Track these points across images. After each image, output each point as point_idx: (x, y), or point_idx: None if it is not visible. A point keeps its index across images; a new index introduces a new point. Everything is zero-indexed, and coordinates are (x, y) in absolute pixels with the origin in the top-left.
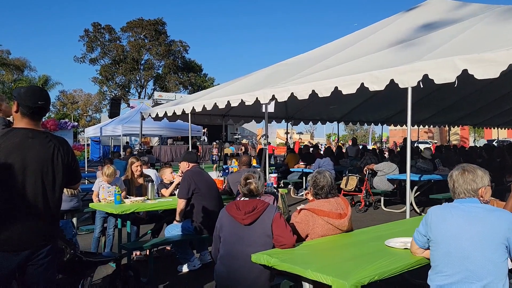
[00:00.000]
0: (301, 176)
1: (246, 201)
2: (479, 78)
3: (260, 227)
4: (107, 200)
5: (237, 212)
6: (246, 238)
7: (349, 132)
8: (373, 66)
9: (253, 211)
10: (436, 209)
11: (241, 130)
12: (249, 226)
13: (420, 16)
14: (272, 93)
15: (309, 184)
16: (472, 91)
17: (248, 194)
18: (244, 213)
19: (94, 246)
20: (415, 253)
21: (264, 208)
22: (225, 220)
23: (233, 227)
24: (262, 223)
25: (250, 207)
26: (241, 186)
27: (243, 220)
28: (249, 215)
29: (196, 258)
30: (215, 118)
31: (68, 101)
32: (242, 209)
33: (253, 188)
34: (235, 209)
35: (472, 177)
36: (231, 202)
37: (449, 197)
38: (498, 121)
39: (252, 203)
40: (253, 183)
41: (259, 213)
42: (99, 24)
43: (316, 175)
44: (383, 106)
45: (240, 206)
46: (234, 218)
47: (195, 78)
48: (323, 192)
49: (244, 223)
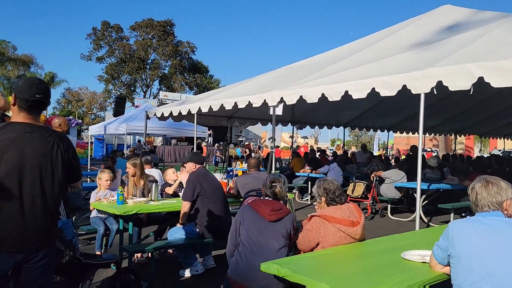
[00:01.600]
0: (307, 180)
1: (271, 201)
2: (496, 87)
3: (281, 226)
4: (109, 200)
5: (264, 208)
6: (267, 232)
7: (353, 138)
8: (385, 71)
9: (279, 210)
10: (458, 224)
11: (246, 133)
12: (272, 223)
13: (433, 22)
14: (281, 96)
15: (318, 194)
16: (480, 100)
17: (271, 196)
18: (271, 210)
19: (98, 245)
20: (434, 268)
21: (287, 213)
22: (248, 215)
23: (256, 221)
24: (283, 224)
25: (276, 206)
26: (266, 188)
27: (269, 216)
28: (275, 213)
29: (199, 263)
30: (221, 120)
31: (73, 99)
32: (268, 206)
33: (277, 191)
34: (262, 205)
35: (497, 189)
36: (255, 199)
37: (458, 206)
38: (505, 131)
39: (277, 204)
40: (278, 186)
41: (284, 214)
42: (108, 22)
43: (322, 183)
44: (390, 112)
45: (265, 203)
46: (259, 213)
47: (201, 79)
48: (337, 196)
49: (270, 219)
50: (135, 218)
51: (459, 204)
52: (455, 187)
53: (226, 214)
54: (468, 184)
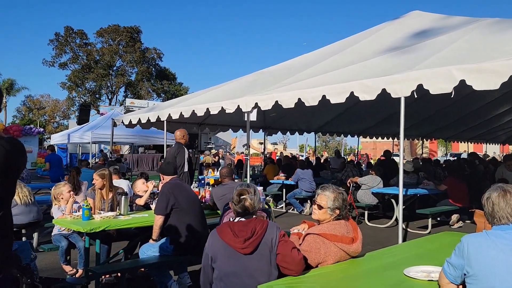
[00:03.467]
0: (281, 188)
1: (242, 223)
2: (477, 89)
3: (263, 253)
4: (73, 216)
5: (234, 239)
6: (247, 269)
7: (321, 144)
8: (363, 75)
9: (252, 236)
10: (474, 239)
11: (215, 139)
12: (250, 255)
13: (408, 25)
14: (255, 101)
15: (334, 207)
16: (446, 105)
17: (242, 213)
18: (244, 241)
19: (62, 260)
20: (445, 287)
21: (264, 230)
22: (219, 249)
23: (230, 257)
24: (264, 248)
25: (248, 232)
26: (234, 203)
27: (242, 250)
28: (249, 242)
29: (174, 282)
30: (191, 127)
31: (35, 107)
32: (239, 235)
33: (248, 205)
34: (231, 235)
35: None
36: (224, 224)
37: (435, 211)
38: (468, 135)
39: (249, 226)
40: (248, 199)
41: (260, 236)
42: (71, 28)
43: (341, 195)
44: (360, 117)
45: (236, 231)
46: (231, 246)
47: (169, 86)
48: (349, 210)
49: (245, 253)
50: (103, 234)
51: (437, 209)
52: (431, 192)
53: (203, 228)
54: (444, 189)
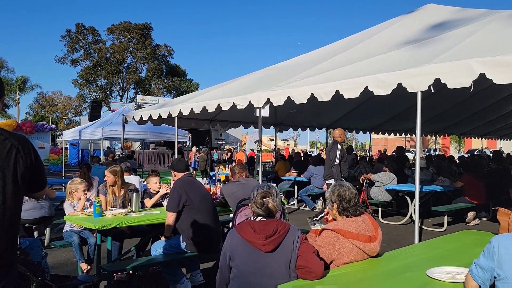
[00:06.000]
0: (293, 184)
1: (263, 222)
2: (498, 83)
3: (283, 254)
4: (84, 213)
5: (255, 236)
6: (267, 268)
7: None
8: (377, 69)
9: (274, 234)
10: (506, 239)
11: (225, 136)
12: (270, 254)
13: (423, 18)
14: (267, 97)
15: (331, 200)
16: (460, 101)
17: (264, 215)
18: (265, 238)
19: (79, 257)
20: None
21: (286, 231)
22: (238, 247)
23: (250, 255)
24: (285, 249)
25: (270, 230)
26: (256, 206)
27: (264, 247)
28: (271, 240)
29: (187, 279)
30: (202, 123)
31: (47, 104)
32: (260, 232)
33: (271, 207)
34: (252, 232)
35: None
36: (244, 223)
37: (451, 209)
38: (482, 130)
39: (271, 225)
40: (270, 201)
41: (282, 236)
42: (82, 25)
43: (337, 188)
44: (373, 113)
45: (257, 229)
46: (252, 244)
47: (179, 82)
48: (351, 206)
49: (266, 250)
50: (115, 231)
51: (452, 206)
52: (446, 189)
53: (216, 225)
54: (460, 185)
